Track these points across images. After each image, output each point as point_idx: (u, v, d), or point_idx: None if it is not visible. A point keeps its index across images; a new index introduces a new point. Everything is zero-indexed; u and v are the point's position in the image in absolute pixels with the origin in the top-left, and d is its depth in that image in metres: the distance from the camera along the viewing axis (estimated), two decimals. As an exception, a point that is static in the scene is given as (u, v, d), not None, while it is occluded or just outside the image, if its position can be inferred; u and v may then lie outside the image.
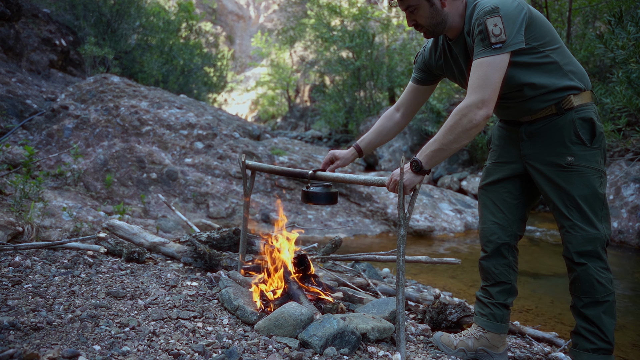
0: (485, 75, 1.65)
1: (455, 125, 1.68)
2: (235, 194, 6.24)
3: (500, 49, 1.64)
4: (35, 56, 8.82)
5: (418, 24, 1.85)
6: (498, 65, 1.65)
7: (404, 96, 2.20)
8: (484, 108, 1.64)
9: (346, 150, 2.29)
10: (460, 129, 1.67)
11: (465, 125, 1.66)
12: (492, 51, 1.64)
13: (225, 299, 2.15)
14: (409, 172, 1.79)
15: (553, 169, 1.81)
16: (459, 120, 1.67)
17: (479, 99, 1.64)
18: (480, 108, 1.64)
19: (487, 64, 1.65)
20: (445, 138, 1.71)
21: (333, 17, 16.10)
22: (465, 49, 1.86)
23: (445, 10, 1.80)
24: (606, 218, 1.81)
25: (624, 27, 5.44)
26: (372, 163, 12.32)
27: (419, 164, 1.77)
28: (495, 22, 1.64)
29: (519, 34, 1.66)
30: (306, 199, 2.20)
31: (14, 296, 2.02)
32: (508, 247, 2.00)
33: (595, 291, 1.78)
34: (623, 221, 5.79)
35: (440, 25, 1.83)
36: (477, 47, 1.69)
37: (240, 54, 33.25)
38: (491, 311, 2.01)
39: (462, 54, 1.89)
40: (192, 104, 7.93)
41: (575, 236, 1.79)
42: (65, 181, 5.54)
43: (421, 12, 1.80)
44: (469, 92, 1.66)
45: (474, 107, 1.65)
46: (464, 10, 1.81)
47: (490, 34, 1.64)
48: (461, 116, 1.66)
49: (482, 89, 1.64)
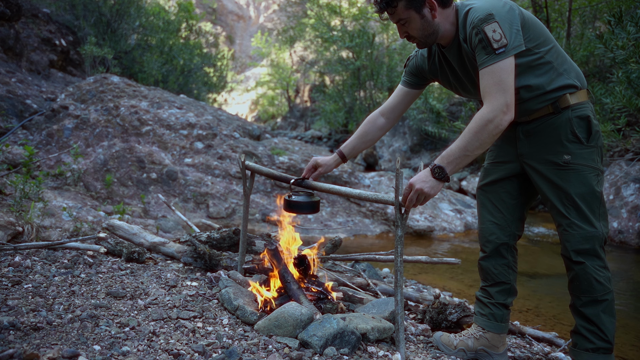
0: (501, 80, 1.65)
1: (481, 131, 1.66)
2: (235, 194, 6.24)
3: (505, 53, 1.64)
4: (35, 56, 8.82)
5: (410, 35, 1.85)
6: (509, 69, 1.66)
7: (392, 100, 2.18)
8: (509, 112, 1.65)
9: (329, 157, 2.27)
10: (487, 134, 1.66)
11: (491, 130, 1.65)
12: (498, 56, 1.65)
13: (225, 299, 2.15)
14: (430, 179, 1.72)
15: (550, 168, 1.82)
16: (485, 126, 1.65)
17: (502, 103, 1.64)
18: (505, 112, 1.65)
19: (499, 69, 1.65)
20: (471, 144, 1.68)
21: (333, 17, 16.10)
22: (460, 55, 1.87)
23: (436, 21, 1.80)
24: (604, 216, 1.82)
25: (623, 27, 5.44)
26: (372, 163, 12.32)
27: (443, 170, 1.71)
28: (493, 27, 1.64)
29: (518, 36, 1.67)
30: (288, 208, 2.21)
31: (14, 296, 2.02)
32: (507, 247, 2.00)
33: (593, 290, 1.78)
34: (623, 221, 5.79)
35: (432, 35, 1.84)
36: (480, 55, 1.69)
37: (240, 54, 33.25)
38: (491, 311, 2.01)
39: (456, 60, 1.90)
40: (192, 104, 7.93)
41: (573, 234, 1.79)
42: (65, 181, 5.54)
43: (412, 25, 1.81)
44: (490, 99, 1.66)
45: (499, 112, 1.64)
46: (455, 18, 1.82)
47: (491, 40, 1.64)
48: (487, 122, 1.65)
49: (502, 94, 1.64)
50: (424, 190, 1.71)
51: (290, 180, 2.22)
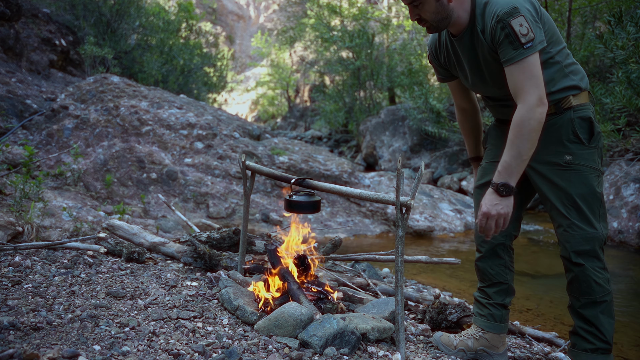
0: (533, 74, 1.64)
1: (528, 132, 1.65)
2: (235, 194, 6.24)
3: (532, 48, 1.63)
4: (35, 56, 8.82)
5: (422, 18, 1.81)
6: (537, 64, 1.65)
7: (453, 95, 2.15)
8: (543, 104, 1.65)
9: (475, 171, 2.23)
10: (533, 133, 1.65)
11: (534, 126, 1.65)
12: (526, 51, 1.63)
13: (225, 299, 2.15)
14: (500, 199, 1.70)
15: (551, 168, 1.81)
16: (528, 124, 1.65)
17: (536, 97, 1.64)
18: (539, 105, 1.64)
19: (530, 64, 1.64)
20: (523, 148, 1.67)
21: (333, 17, 16.09)
22: (472, 46, 1.83)
23: (450, 5, 1.76)
24: (603, 217, 1.81)
25: (623, 27, 5.44)
26: (372, 163, 12.32)
27: (508, 185, 1.69)
28: (520, 22, 1.62)
29: (541, 31, 1.66)
30: (289, 208, 2.21)
31: (14, 296, 2.02)
32: (503, 247, 1.99)
33: (592, 292, 1.77)
34: (623, 221, 5.79)
35: (445, 20, 1.80)
36: (507, 50, 1.66)
37: (240, 54, 33.25)
38: (490, 312, 2.01)
39: (466, 50, 1.86)
40: (192, 104, 7.92)
41: (573, 235, 1.78)
42: (65, 181, 5.54)
43: (426, 7, 1.77)
44: (524, 95, 1.65)
45: (534, 107, 1.64)
46: (471, 6, 1.78)
47: (518, 34, 1.62)
48: (528, 120, 1.64)
49: (536, 88, 1.64)
50: (501, 213, 1.70)
51: (291, 180, 2.22)
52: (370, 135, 12.45)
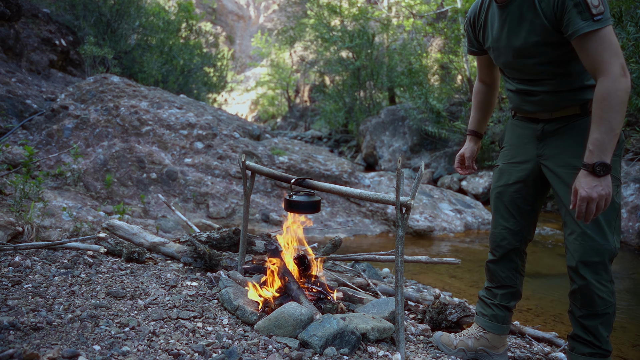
0: (611, 43, 1.55)
1: (617, 103, 1.55)
2: (235, 194, 6.24)
3: (602, 21, 1.54)
4: (35, 56, 8.82)
5: None
6: (614, 34, 1.57)
7: (479, 68, 2.11)
8: (626, 74, 1.55)
9: (466, 143, 2.19)
10: (622, 104, 1.55)
11: (623, 97, 1.55)
12: (597, 23, 1.54)
13: (225, 299, 2.15)
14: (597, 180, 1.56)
15: (571, 172, 1.73)
16: (616, 95, 1.55)
17: (619, 67, 1.55)
18: (623, 75, 1.55)
19: (606, 34, 1.55)
20: (615, 121, 1.56)
21: (333, 17, 16.09)
22: (521, 13, 1.72)
23: None
24: (617, 231, 1.74)
25: (623, 27, 5.44)
26: (372, 163, 12.32)
27: (604, 163, 1.55)
28: None
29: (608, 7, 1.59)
30: (289, 208, 2.21)
31: (14, 296, 2.02)
32: (517, 252, 1.97)
33: (595, 305, 1.73)
34: (623, 221, 5.79)
35: None
36: (575, 21, 1.57)
37: (240, 54, 33.25)
38: (493, 312, 2.01)
39: (515, 17, 1.74)
40: (192, 104, 7.93)
41: (583, 245, 1.71)
42: (65, 181, 5.54)
43: None
44: (605, 66, 1.56)
45: (619, 77, 1.54)
46: None
47: (590, 5, 1.54)
48: (615, 91, 1.54)
49: (617, 57, 1.55)
50: (602, 194, 1.57)
51: (291, 180, 2.22)
52: (370, 135, 12.45)
